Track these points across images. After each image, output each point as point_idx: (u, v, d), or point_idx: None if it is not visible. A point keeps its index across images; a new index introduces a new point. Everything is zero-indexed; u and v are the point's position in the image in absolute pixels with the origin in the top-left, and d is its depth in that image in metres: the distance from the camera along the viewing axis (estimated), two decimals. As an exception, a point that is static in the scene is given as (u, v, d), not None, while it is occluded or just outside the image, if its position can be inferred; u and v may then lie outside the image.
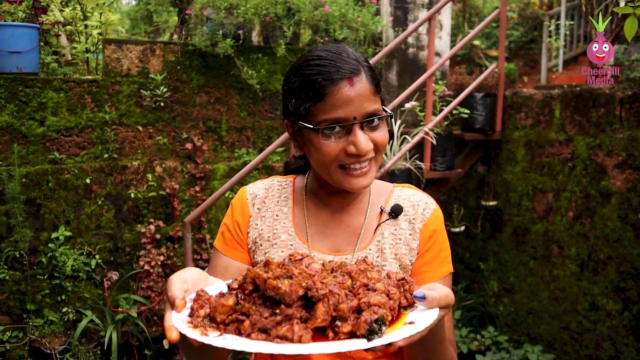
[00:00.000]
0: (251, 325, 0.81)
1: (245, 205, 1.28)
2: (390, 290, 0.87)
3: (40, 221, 4.09)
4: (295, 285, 0.82)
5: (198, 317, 0.83)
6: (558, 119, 3.84)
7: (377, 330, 0.78)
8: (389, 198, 1.27)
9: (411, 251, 1.20)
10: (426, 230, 1.21)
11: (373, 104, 1.10)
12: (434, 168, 4.11)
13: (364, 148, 1.08)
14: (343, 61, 1.10)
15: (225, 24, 4.50)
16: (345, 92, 1.07)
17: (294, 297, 0.81)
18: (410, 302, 0.89)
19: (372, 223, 1.23)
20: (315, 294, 0.81)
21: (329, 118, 1.08)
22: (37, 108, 4.04)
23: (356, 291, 0.86)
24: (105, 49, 4.28)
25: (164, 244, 4.45)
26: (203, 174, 4.61)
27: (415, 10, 5.19)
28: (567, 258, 3.76)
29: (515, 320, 4.24)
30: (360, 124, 1.09)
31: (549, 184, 3.90)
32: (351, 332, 0.80)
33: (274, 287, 0.82)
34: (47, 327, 4.07)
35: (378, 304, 0.82)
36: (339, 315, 0.81)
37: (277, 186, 1.32)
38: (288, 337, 0.78)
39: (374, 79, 1.12)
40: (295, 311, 0.81)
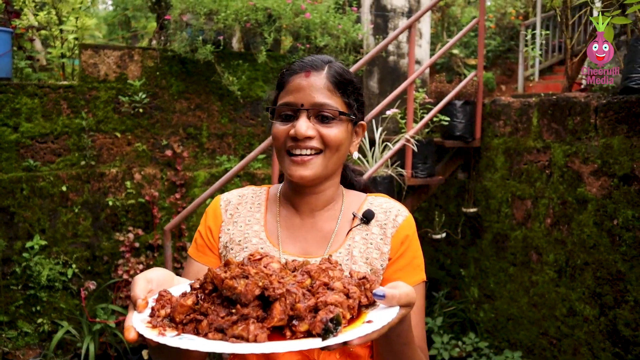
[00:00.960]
0: (208, 325, 0.81)
1: (218, 211, 1.30)
2: (350, 289, 0.87)
3: (14, 230, 3.99)
4: (251, 285, 0.82)
5: (158, 317, 0.83)
6: (535, 127, 3.89)
7: (332, 329, 0.78)
8: (361, 205, 1.29)
9: (382, 255, 1.21)
10: (398, 235, 1.22)
11: (325, 98, 1.16)
12: (415, 175, 4.13)
13: (300, 130, 1.14)
14: (311, 60, 1.21)
15: (205, 29, 4.47)
16: (299, 81, 1.17)
17: (249, 297, 0.81)
18: (371, 300, 0.88)
19: (344, 228, 1.25)
20: (272, 293, 0.81)
21: (282, 103, 1.19)
22: (10, 114, 3.95)
23: (315, 290, 0.86)
24: (82, 54, 4.21)
25: (144, 253, 4.39)
26: (183, 181, 4.56)
27: (395, 18, 5.23)
28: (546, 264, 3.81)
29: (496, 327, 4.28)
30: (307, 112, 1.16)
31: (528, 191, 3.96)
32: (308, 331, 0.80)
33: (230, 287, 0.82)
34: (21, 339, 3.97)
35: (335, 302, 0.82)
36: (295, 315, 0.81)
37: (251, 194, 1.35)
38: (244, 336, 0.78)
39: (335, 79, 1.18)
40: (251, 311, 0.81)
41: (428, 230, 4.60)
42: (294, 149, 1.17)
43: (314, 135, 1.15)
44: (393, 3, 5.23)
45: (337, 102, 1.17)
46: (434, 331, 4.31)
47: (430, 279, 4.93)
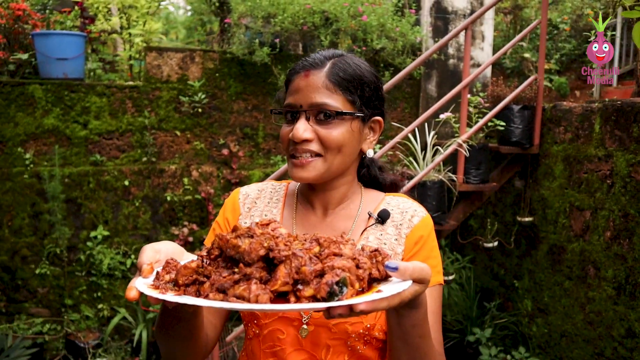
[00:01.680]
0: (210, 286, 0.79)
1: (236, 204, 1.31)
2: (361, 259, 0.83)
3: (80, 220, 4.28)
4: (255, 244, 0.79)
5: (162, 281, 0.83)
6: (597, 134, 3.67)
7: (337, 292, 0.75)
8: (378, 205, 1.27)
9: (395, 256, 1.19)
10: (412, 236, 1.20)
11: (325, 97, 1.13)
12: (467, 181, 4.01)
13: (296, 134, 1.12)
14: (313, 57, 1.18)
15: (263, 32, 4.58)
16: (298, 81, 1.16)
17: (253, 256, 0.79)
18: (383, 274, 0.85)
19: (359, 227, 1.23)
20: (277, 255, 0.79)
21: (284, 105, 1.18)
22: (81, 112, 4.24)
23: (323, 258, 0.82)
24: (147, 56, 4.44)
25: (198, 247, 4.56)
26: (238, 179, 4.70)
27: (456, 20, 5.11)
28: (604, 280, 3.58)
29: (549, 343, 4.07)
30: (305, 113, 1.14)
31: (587, 201, 3.74)
32: (313, 296, 0.76)
33: (234, 246, 0.80)
34: (82, 322, 4.24)
35: (342, 267, 0.78)
36: (301, 279, 0.77)
37: (270, 189, 1.34)
38: (245, 296, 0.75)
39: (335, 77, 1.14)
40: (254, 271, 0.78)
41: (480, 239, 4.45)
42: (294, 152, 1.16)
43: (311, 137, 1.13)
44: (454, 5, 5.12)
45: (338, 100, 1.14)
46: (482, 343, 4.17)
47: (483, 289, 4.77)
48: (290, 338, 1.16)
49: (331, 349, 1.15)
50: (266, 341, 1.18)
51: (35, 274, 4.15)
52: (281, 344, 1.16)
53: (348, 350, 1.15)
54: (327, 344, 1.15)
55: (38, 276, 4.16)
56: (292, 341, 1.16)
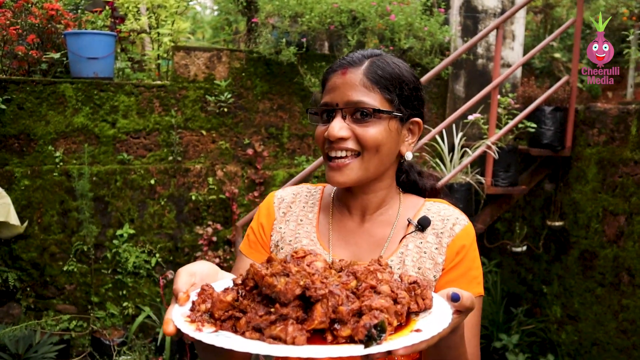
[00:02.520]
0: (246, 323, 0.79)
1: (271, 209, 1.28)
2: (399, 294, 0.81)
3: (107, 218, 4.32)
4: (291, 284, 0.78)
5: (198, 312, 0.81)
6: (634, 137, 3.56)
7: (375, 336, 0.73)
8: (418, 211, 1.22)
9: (436, 266, 1.14)
10: (454, 245, 1.15)
11: (362, 95, 1.11)
12: (496, 184, 3.93)
13: (332, 132, 1.10)
14: (351, 56, 1.16)
15: (290, 32, 4.56)
16: (335, 79, 1.14)
17: (289, 296, 0.78)
18: (422, 307, 0.83)
19: (398, 235, 1.19)
20: (314, 294, 0.77)
21: (321, 104, 1.17)
22: (109, 111, 4.28)
23: (361, 293, 0.81)
24: (175, 55, 4.46)
25: (221, 247, 4.56)
26: (263, 179, 4.69)
27: (486, 19, 5.02)
28: (639, 287, 3.47)
29: (579, 351, 3.96)
30: (342, 112, 1.12)
31: (621, 206, 3.62)
32: (350, 336, 0.75)
33: (270, 285, 0.79)
34: (108, 319, 4.28)
35: (380, 307, 0.77)
36: (338, 318, 0.76)
37: (305, 192, 1.32)
38: (281, 337, 0.75)
39: (373, 75, 1.12)
40: (291, 311, 0.77)
41: (508, 243, 4.36)
42: (329, 152, 1.13)
43: (347, 135, 1.11)
44: (484, 4, 5.02)
45: (376, 99, 1.11)
46: (508, 349, 4.08)
47: (510, 294, 4.67)
48: None
49: None
50: None
51: (63, 271, 4.20)
52: None
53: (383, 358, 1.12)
54: None
55: (66, 273, 4.22)
56: None
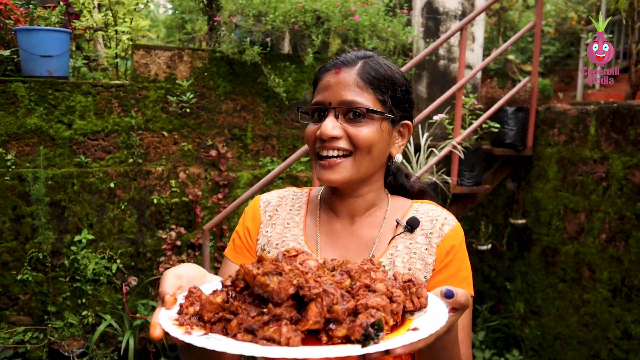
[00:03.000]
0: (238, 325, 0.75)
1: (257, 212, 1.27)
2: (394, 293, 0.80)
3: (64, 224, 4.13)
4: (285, 283, 0.75)
5: (186, 315, 0.78)
6: (593, 136, 3.68)
7: (372, 335, 0.71)
8: (406, 212, 1.22)
9: (426, 266, 1.14)
10: (444, 245, 1.15)
11: (356, 95, 1.10)
12: (461, 183, 3.99)
13: (324, 131, 1.09)
14: (344, 56, 1.16)
15: (254, 31, 4.48)
16: (329, 78, 1.13)
17: (282, 296, 0.75)
18: (417, 306, 0.81)
19: (386, 236, 1.18)
20: (308, 293, 0.74)
21: (313, 102, 1.15)
22: (65, 112, 4.09)
23: (355, 292, 0.79)
24: (134, 54, 4.31)
25: (185, 251, 4.44)
26: (226, 181, 4.59)
27: (447, 21, 5.09)
28: (599, 282, 3.59)
29: (542, 345, 4.07)
30: (334, 111, 1.10)
31: (582, 203, 3.74)
32: (346, 336, 0.73)
33: (262, 284, 0.76)
34: (66, 329, 4.09)
35: (376, 306, 0.75)
36: (333, 318, 0.74)
37: (291, 196, 1.30)
38: (275, 338, 0.72)
39: (367, 75, 1.11)
40: (284, 311, 0.74)
41: (473, 241, 4.43)
42: (321, 151, 1.12)
43: (340, 135, 1.09)
44: (445, 6, 5.10)
45: (369, 99, 1.10)
46: (475, 345, 4.15)
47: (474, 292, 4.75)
48: None
49: None
50: None
51: (17, 280, 3.99)
52: None
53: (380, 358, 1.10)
54: None
55: (19, 282, 4.00)
56: None
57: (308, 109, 1.16)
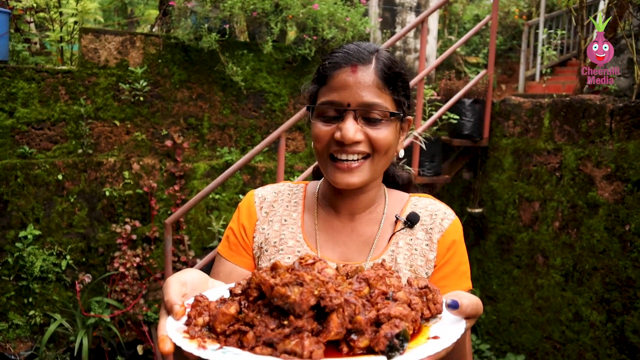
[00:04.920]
0: (255, 338, 0.71)
1: (252, 209, 1.22)
2: (412, 300, 0.77)
3: (6, 219, 3.86)
4: (306, 294, 0.71)
5: (196, 327, 0.74)
6: (547, 128, 3.83)
7: (398, 346, 0.69)
8: (404, 207, 1.19)
9: (427, 263, 1.13)
10: (444, 241, 1.14)
11: (374, 97, 1.05)
12: (422, 173, 4.06)
13: (347, 135, 1.03)
14: (355, 51, 1.08)
15: (211, 17, 4.33)
16: (345, 77, 1.05)
17: (304, 307, 0.71)
18: (434, 313, 0.79)
19: (386, 232, 1.16)
20: (329, 303, 0.71)
21: (325, 100, 1.07)
22: (6, 98, 3.81)
23: (374, 300, 0.76)
24: (82, 38, 4.06)
25: (140, 245, 4.27)
26: (183, 172, 4.45)
27: (403, 13, 5.13)
28: (552, 268, 3.76)
29: (497, 329, 4.23)
30: (354, 113, 1.05)
31: (536, 193, 3.90)
32: (368, 347, 0.70)
33: (283, 296, 0.72)
34: (12, 331, 3.84)
35: (400, 316, 0.72)
36: (355, 328, 0.71)
37: (287, 191, 1.26)
38: (297, 352, 0.68)
39: (384, 74, 1.07)
40: (305, 323, 0.71)
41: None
42: (339, 154, 1.06)
43: (362, 139, 1.05)
44: (401, -3, 5.14)
45: (387, 101, 1.07)
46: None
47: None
48: None
49: None
50: None
51: (-45, 280, 3.70)
52: None
53: None
54: None
55: (-42, 282, 3.71)
56: None
57: (321, 108, 1.08)
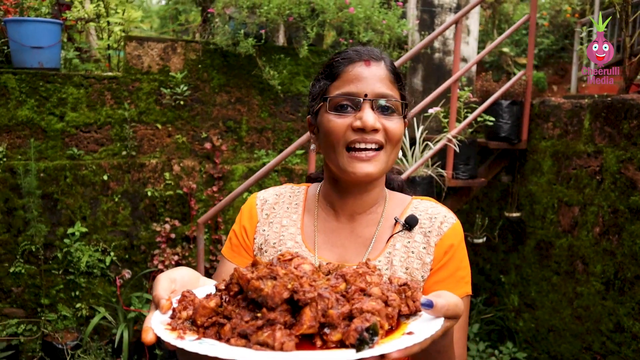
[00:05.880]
0: (231, 330, 0.74)
1: (253, 211, 1.25)
2: (390, 297, 0.78)
3: (56, 216, 4.10)
4: (279, 287, 0.74)
5: (179, 319, 0.77)
6: (587, 130, 3.69)
7: (367, 339, 0.70)
8: (405, 209, 1.20)
9: (424, 266, 1.12)
10: (442, 244, 1.13)
11: (388, 89, 1.10)
12: (456, 176, 3.99)
13: (369, 122, 1.05)
14: (366, 49, 1.14)
15: (248, 23, 4.45)
16: (360, 69, 1.09)
17: (277, 300, 0.74)
18: (413, 310, 0.80)
19: (384, 234, 1.16)
20: (302, 297, 0.73)
21: (340, 93, 1.09)
22: (57, 103, 4.05)
23: (350, 296, 0.78)
24: (127, 46, 4.27)
25: (179, 244, 4.43)
26: (221, 174, 4.58)
27: (442, 14, 5.07)
28: (592, 275, 3.61)
29: (536, 337, 4.09)
30: (371, 102, 1.08)
31: (576, 197, 3.75)
32: (341, 341, 0.72)
33: (256, 289, 0.75)
34: (60, 322, 4.08)
35: (372, 310, 0.74)
36: (327, 322, 0.73)
37: (288, 193, 1.28)
38: (269, 343, 0.71)
39: (394, 71, 1.13)
40: (278, 315, 0.74)
41: (467, 234, 4.45)
42: (357, 143, 1.07)
43: (380, 127, 1.07)
44: (441, -2, 5.08)
45: (397, 95, 1.12)
46: (469, 338, 4.17)
47: (469, 284, 4.77)
48: None
49: None
50: None
51: (9, 273, 3.96)
52: None
53: None
54: None
55: (12, 275, 3.97)
56: None
57: (336, 100, 1.09)
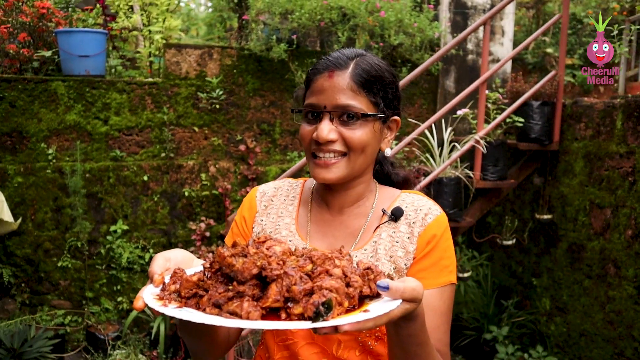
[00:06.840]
0: (208, 300, 0.85)
1: (253, 202, 1.34)
2: (352, 278, 0.87)
3: (100, 214, 4.36)
4: (248, 264, 0.85)
5: (167, 292, 0.88)
6: (619, 130, 3.60)
7: (322, 312, 0.79)
8: (393, 202, 1.26)
9: (407, 254, 1.18)
10: (425, 235, 1.19)
11: (350, 99, 1.13)
12: (485, 177, 3.98)
13: (321, 135, 1.13)
14: (335, 57, 1.18)
15: (281, 29, 4.59)
16: (322, 81, 1.15)
17: (246, 275, 0.85)
18: (374, 292, 0.88)
19: (373, 225, 1.24)
20: (269, 274, 0.84)
21: (306, 104, 1.18)
22: (101, 108, 4.31)
23: (315, 276, 0.87)
24: (166, 52, 4.49)
25: (215, 242, 4.60)
26: (255, 175, 4.73)
27: (475, 15, 5.06)
28: (625, 279, 3.52)
29: (567, 342, 4.02)
30: (329, 114, 1.14)
31: (608, 199, 3.67)
32: (301, 314, 0.81)
33: (229, 264, 0.86)
34: (102, 314, 4.32)
35: (330, 287, 0.82)
36: (291, 297, 0.82)
37: (286, 186, 1.37)
38: (237, 312, 0.81)
39: (360, 78, 1.14)
40: (247, 289, 0.84)
41: (497, 236, 4.41)
42: (317, 152, 1.17)
43: (335, 138, 1.14)
44: (474, 0, 5.06)
45: (362, 102, 1.15)
46: (498, 340, 4.13)
47: (501, 287, 4.72)
48: (302, 332, 1.19)
49: (342, 343, 1.17)
50: (279, 334, 1.22)
51: (57, 267, 4.24)
52: (294, 337, 1.20)
53: (359, 345, 1.17)
54: (338, 339, 1.17)
55: (60, 269, 4.26)
56: (304, 335, 1.19)
57: (302, 109, 1.20)
